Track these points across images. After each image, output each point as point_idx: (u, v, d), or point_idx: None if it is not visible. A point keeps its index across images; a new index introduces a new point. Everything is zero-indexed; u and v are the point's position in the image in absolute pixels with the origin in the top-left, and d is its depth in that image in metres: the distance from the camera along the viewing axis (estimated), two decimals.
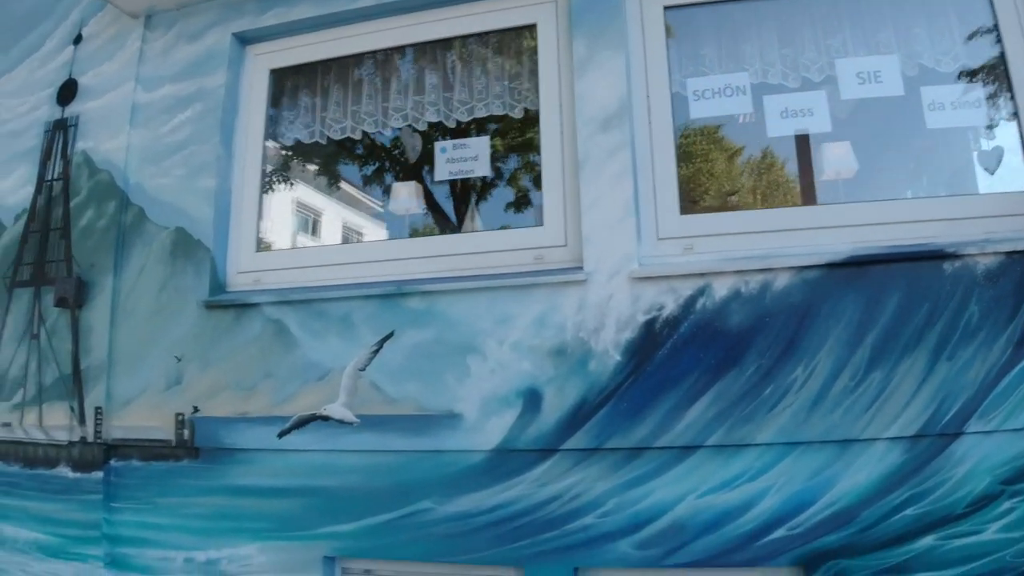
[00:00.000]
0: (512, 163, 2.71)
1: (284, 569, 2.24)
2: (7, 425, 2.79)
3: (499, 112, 2.54)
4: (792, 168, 2.85)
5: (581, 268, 2.13)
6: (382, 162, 2.82)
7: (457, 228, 2.83)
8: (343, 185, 3.20)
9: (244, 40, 2.76)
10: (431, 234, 2.86)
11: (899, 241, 2.06)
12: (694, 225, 2.18)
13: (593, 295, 2.10)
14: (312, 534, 2.22)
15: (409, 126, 2.58)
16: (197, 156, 2.56)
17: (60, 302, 2.58)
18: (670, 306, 2.08)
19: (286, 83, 2.75)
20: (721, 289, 2.05)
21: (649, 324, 2.07)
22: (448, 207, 3.01)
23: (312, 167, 3.21)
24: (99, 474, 2.51)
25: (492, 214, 2.58)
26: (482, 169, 2.39)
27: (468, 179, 2.49)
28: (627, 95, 2.21)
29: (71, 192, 2.77)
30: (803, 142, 2.93)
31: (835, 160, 2.33)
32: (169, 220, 2.55)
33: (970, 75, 2.24)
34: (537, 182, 2.41)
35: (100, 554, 2.47)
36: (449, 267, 2.29)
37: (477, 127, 2.65)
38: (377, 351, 2.21)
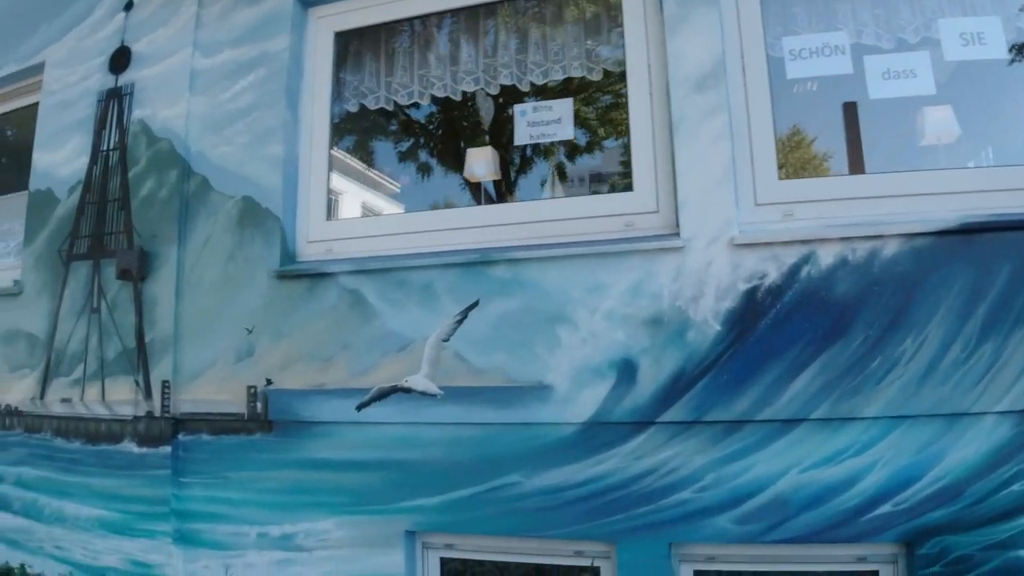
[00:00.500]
0: (589, 127, 2.63)
1: (363, 543, 2.21)
2: (67, 401, 2.76)
3: (577, 74, 2.46)
4: (824, 144, 2.75)
5: (678, 235, 2.06)
6: (423, 134, 2.73)
7: (494, 201, 2.75)
8: (354, 162, 3.07)
9: (306, 3, 2.67)
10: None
11: (1010, 209, 1.99)
12: (793, 190, 2.11)
13: (691, 262, 2.03)
14: (393, 508, 2.18)
15: (481, 90, 2.52)
16: (262, 122, 2.49)
17: (123, 274, 2.53)
18: (772, 274, 2.01)
19: (349, 47, 2.68)
20: (827, 257, 1.98)
21: (750, 293, 2.00)
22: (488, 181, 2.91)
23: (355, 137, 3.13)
24: (167, 449, 2.48)
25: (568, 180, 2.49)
26: (565, 132, 2.32)
27: (548, 143, 2.43)
28: (722, 54, 2.13)
29: (129, 162, 2.72)
30: (850, 110, 2.83)
31: (937, 124, 2.25)
32: (235, 189, 2.49)
33: None
34: (617, 147, 2.34)
35: (169, 530, 2.45)
36: (532, 234, 2.23)
37: (535, 91, 2.58)
38: (461, 321, 2.16)
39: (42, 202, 2.95)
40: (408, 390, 2.18)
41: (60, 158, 2.95)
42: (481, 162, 2.39)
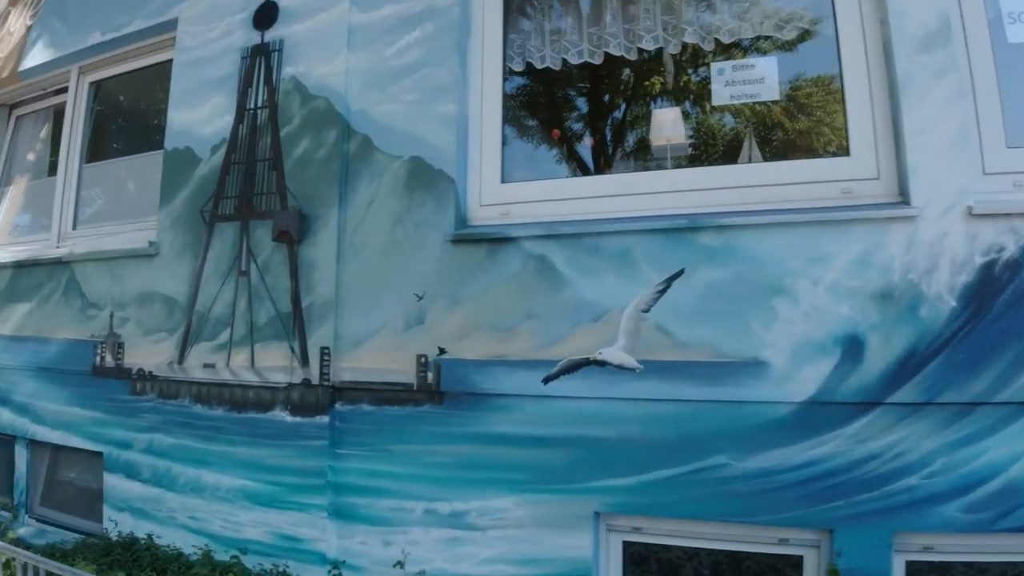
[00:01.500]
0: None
1: (546, 524, 2.14)
2: (210, 366, 2.72)
3: (768, 33, 2.36)
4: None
5: (907, 203, 1.97)
6: (594, 95, 2.61)
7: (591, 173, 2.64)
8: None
9: None
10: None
11: None
12: (1022, 160, 2.01)
13: (924, 233, 1.93)
14: (580, 488, 2.11)
15: (660, 49, 2.43)
16: (432, 79, 2.42)
17: (280, 236, 2.48)
18: (1011, 247, 1.90)
19: (513, 3, 2.59)
20: None
21: (988, 267, 1.90)
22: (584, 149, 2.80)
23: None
24: (324, 419, 2.43)
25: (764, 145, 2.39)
26: (770, 93, 2.22)
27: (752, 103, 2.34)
28: (946, 11, 2.03)
29: (280, 121, 2.67)
30: None
31: None
32: (402, 149, 2.43)
33: None
34: (817, 109, 2.25)
35: (323, 503, 2.39)
36: (734, 200, 2.14)
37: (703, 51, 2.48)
38: (664, 291, 2.07)
39: (180, 161, 2.91)
40: (602, 363, 2.10)
41: (200, 116, 2.90)
42: (669, 123, 2.30)
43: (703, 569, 2.13)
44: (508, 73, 2.58)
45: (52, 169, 3.96)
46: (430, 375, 2.28)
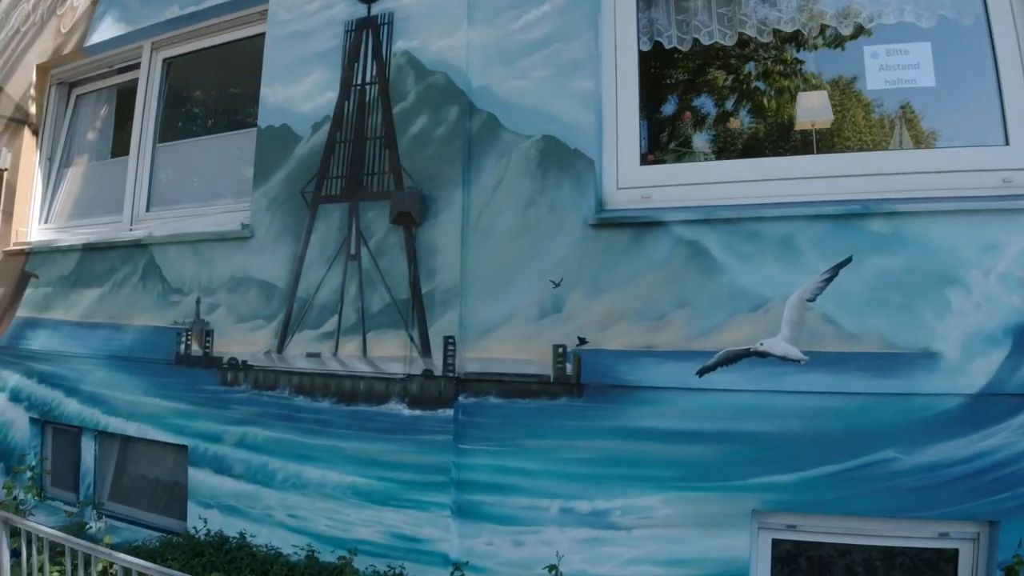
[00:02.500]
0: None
1: (697, 523, 2.07)
2: (315, 356, 2.62)
3: (910, 20, 2.29)
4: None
5: None
6: (726, 76, 2.54)
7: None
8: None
9: None
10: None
11: None
12: None
13: None
14: (736, 485, 2.04)
15: (799, 31, 2.35)
16: (565, 54, 2.34)
17: (399, 218, 2.40)
18: None
19: None
20: None
21: None
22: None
23: None
24: (447, 412, 2.34)
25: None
26: (926, 79, 2.16)
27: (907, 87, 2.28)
28: None
29: (393, 97, 2.58)
30: None
31: None
32: (533, 127, 2.35)
33: None
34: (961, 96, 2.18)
35: (447, 501, 2.31)
36: (894, 187, 2.06)
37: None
38: (830, 279, 2.00)
39: (276, 139, 2.82)
40: (764, 354, 2.02)
41: (298, 93, 2.80)
42: (816, 106, 2.23)
43: (855, 566, 2.08)
44: (637, 52, 2.51)
45: (115, 150, 3.86)
46: (569, 367, 2.20)
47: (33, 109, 3.79)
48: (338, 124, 2.68)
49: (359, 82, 2.67)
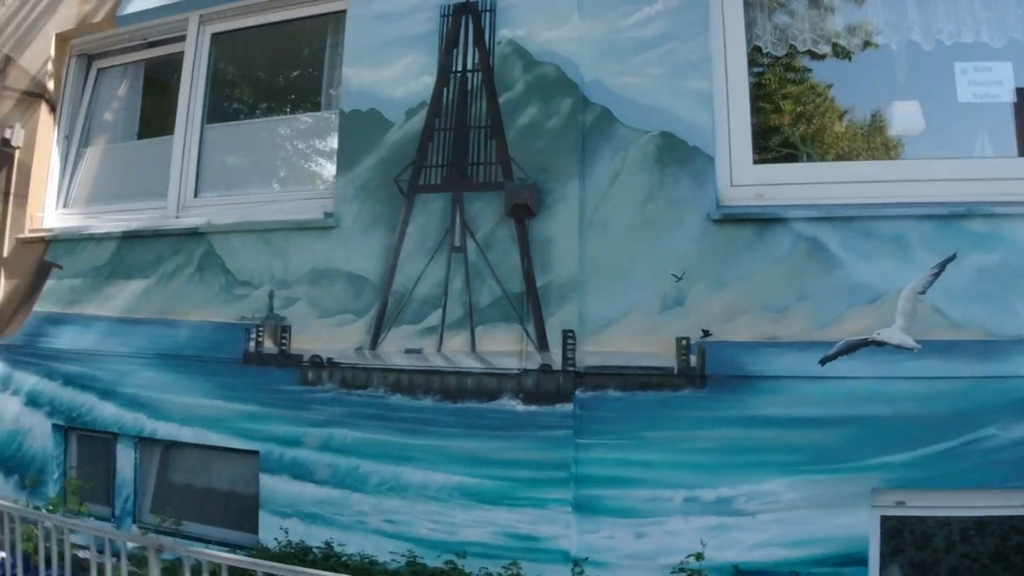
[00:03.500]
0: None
1: (820, 504, 2.27)
2: (415, 352, 2.67)
3: (984, 40, 2.60)
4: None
5: None
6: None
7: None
8: None
9: None
10: None
11: None
12: None
13: None
14: (856, 466, 2.25)
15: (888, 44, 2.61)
16: (679, 54, 2.51)
17: (515, 210, 2.48)
18: None
19: None
20: None
21: None
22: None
23: None
24: (567, 407, 2.45)
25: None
26: (1008, 95, 2.46)
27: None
28: None
29: (498, 86, 2.67)
30: None
31: None
32: (650, 123, 2.50)
33: None
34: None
35: (567, 497, 2.41)
36: (988, 191, 2.35)
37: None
38: (938, 274, 2.26)
39: (362, 124, 2.84)
40: (881, 343, 2.26)
41: (388, 77, 2.84)
42: (909, 115, 2.50)
43: (953, 536, 2.33)
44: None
45: (143, 131, 3.75)
46: (693, 358, 2.36)
47: (51, 83, 3.61)
48: (436, 111, 2.74)
49: (459, 69, 2.74)
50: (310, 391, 2.81)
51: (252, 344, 2.92)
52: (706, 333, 2.38)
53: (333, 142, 3.06)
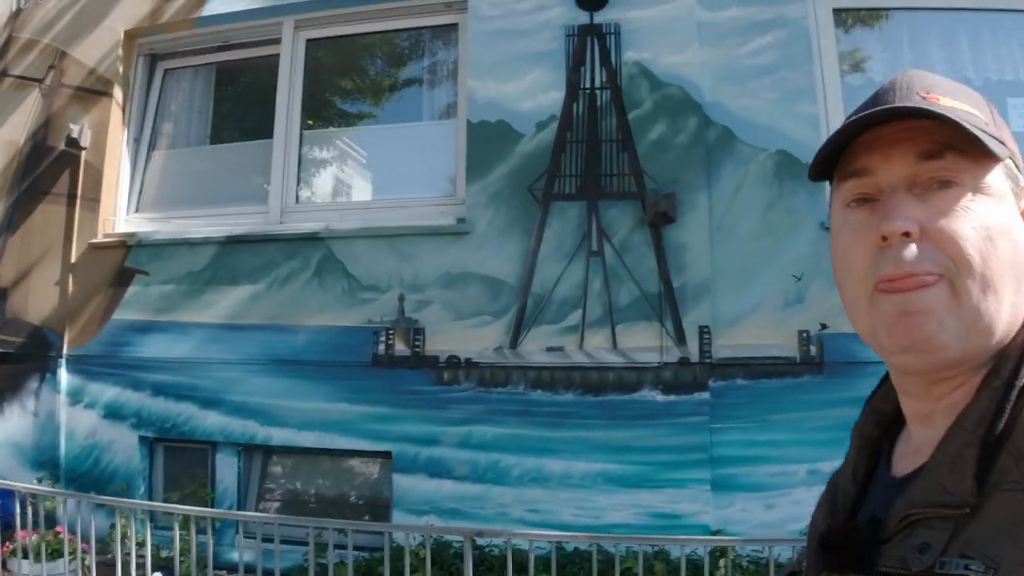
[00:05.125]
0: None
1: None
2: (556, 349, 3.11)
3: None
4: None
5: None
6: None
7: None
8: None
9: None
10: None
11: None
12: None
13: None
14: None
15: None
16: (791, 81, 3.11)
17: (657, 218, 2.98)
18: None
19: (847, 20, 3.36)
20: None
21: None
22: None
23: None
24: (704, 395, 2.98)
25: None
26: None
27: None
28: None
29: (627, 103, 3.18)
30: None
31: None
32: (767, 142, 3.08)
33: None
34: None
35: (705, 477, 2.94)
36: None
37: None
38: None
39: (492, 135, 3.28)
40: None
41: (515, 90, 3.29)
42: None
43: None
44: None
45: (215, 135, 3.96)
46: (812, 348, 2.96)
47: (117, 81, 3.75)
48: (567, 124, 3.22)
49: (587, 86, 3.24)
50: (446, 391, 3.21)
51: (382, 347, 3.29)
52: (823, 326, 3.02)
53: (446, 150, 3.48)
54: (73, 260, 3.68)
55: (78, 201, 3.70)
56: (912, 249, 0.57)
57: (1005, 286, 0.58)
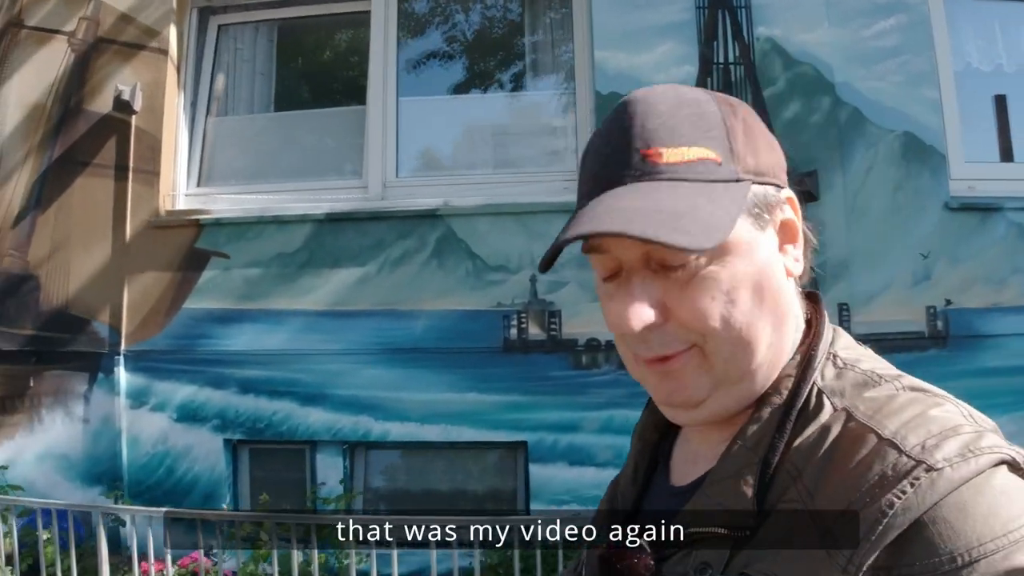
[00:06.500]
0: None
1: None
2: None
3: None
4: None
5: None
6: None
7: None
8: None
9: None
10: None
11: None
12: None
13: None
14: None
15: None
16: (913, 66, 3.36)
17: (801, 197, 3.04)
18: None
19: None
20: None
21: None
22: None
23: None
24: None
25: None
26: None
27: None
28: None
29: (762, 81, 3.25)
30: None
31: None
32: (894, 124, 3.32)
33: None
34: None
35: None
36: None
37: None
38: None
39: None
40: None
41: (646, 63, 3.30)
42: None
43: None
44: None
45: (279, 102, 3.62)
46: (939, 323, 3.27)
47: (172, 38, 3.40)
48: None
49: (720, 61, 3.35)
50: (586, 375, 3.23)
51: (513, 331, 3.24)
52: (948, 302, 3.33)
53: (563, 121, 3.48)
54: (127, 241, 3.33)
55: (130, 174, 3.33)
56: (657, 335, 0.62)
57: (757, 336, 0.62)
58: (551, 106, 3.57)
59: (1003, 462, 0.55)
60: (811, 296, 0.71)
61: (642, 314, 0.59)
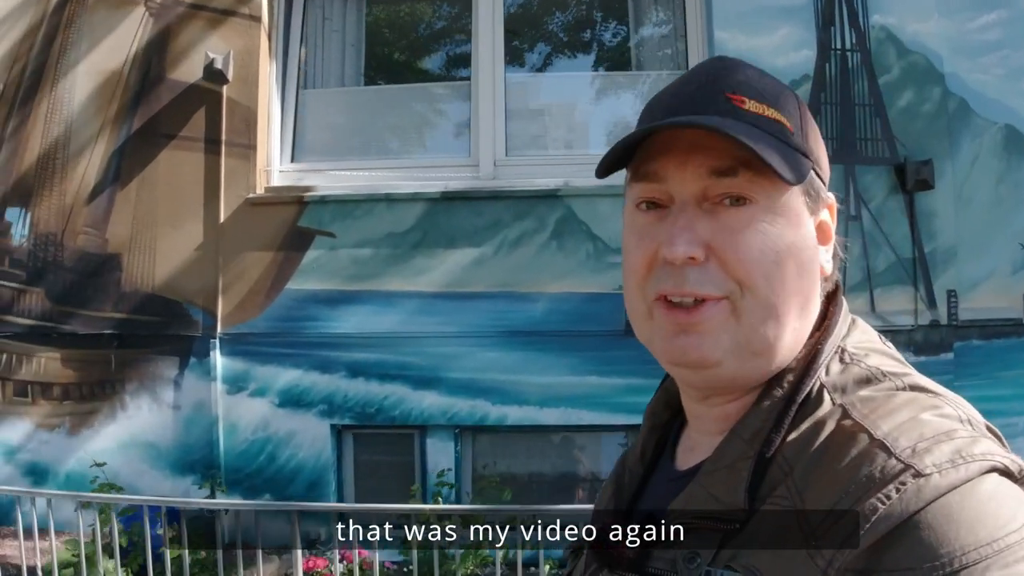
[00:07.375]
0: None
1: None
2: None
3: None
4: None
5: None
6: None
7: None
8: None
9: None
10: None
11: None
12: None
13: None
14: None
15: None
16: (1013, 60, 3.56)
17: (917, 185, 3.26)
18: None
19: None
20: None
21: None
22: None
23: None
24: (948, 355, 3.41)
25: None
26: None
27: None
28: None
29: (877, 68, 3.33)
30: None
31: None
32: (996, 116, 3.53)
33: None
34: None
35: None
36: None
37: None
38: None
39: None
40: None
41: (766, 45, 3.37)
42: None
43: None
44: None
45: (370, 76, 3.49)
46: None
47: (264, 3, 3.25)
48: (820, 85, 3.43)
49: (838, 47, 3.44)
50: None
51: None
52: None
53: None
54: (222, 219, 3.20)
55: (222, 147, 3.19)
56: (696, 271, 0.60)
57: (789, 312, 0.61)
58: (662, 86, 3.58)
59: (994, 469, 0.54)
60: (830, 295, 0.69)
61: (692, 239, 0.58)
